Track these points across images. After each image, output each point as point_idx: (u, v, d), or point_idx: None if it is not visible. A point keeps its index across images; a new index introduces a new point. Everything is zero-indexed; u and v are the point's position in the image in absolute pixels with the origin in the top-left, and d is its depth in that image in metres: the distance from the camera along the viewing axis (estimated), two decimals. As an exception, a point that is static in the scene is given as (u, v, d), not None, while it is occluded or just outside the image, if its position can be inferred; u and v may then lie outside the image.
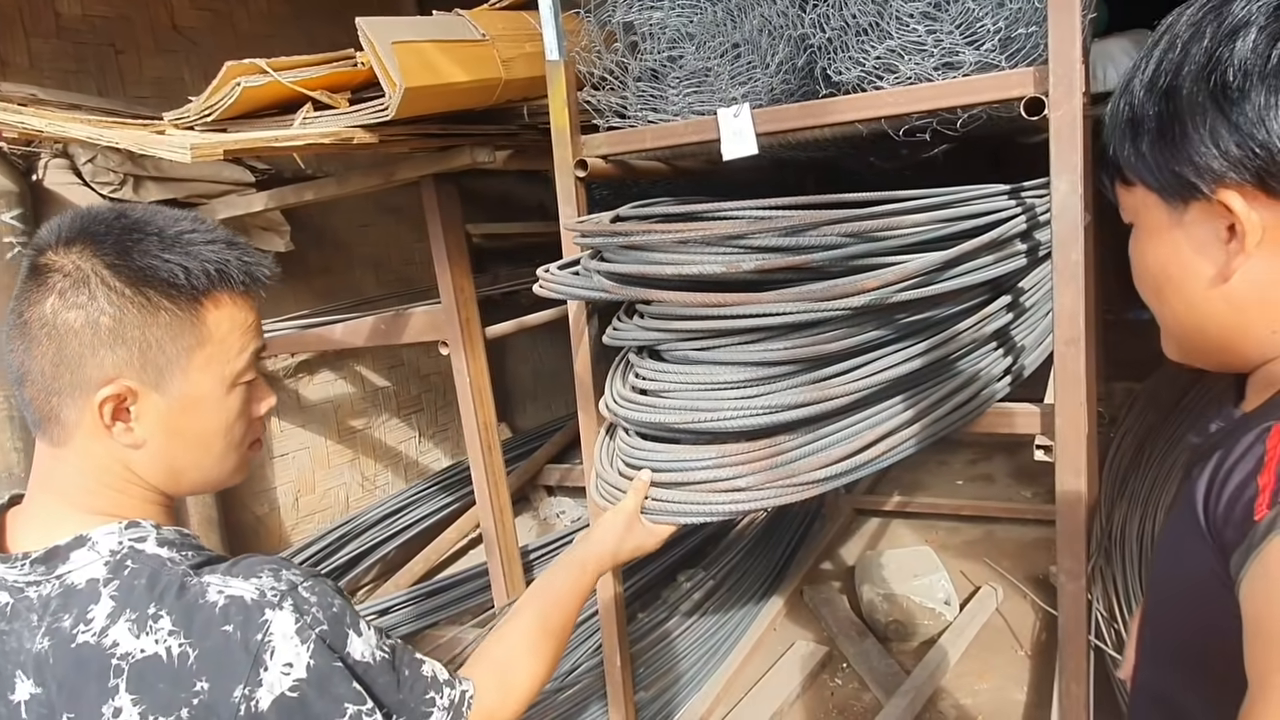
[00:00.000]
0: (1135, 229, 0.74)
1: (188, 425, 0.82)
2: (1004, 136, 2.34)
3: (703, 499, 1.38)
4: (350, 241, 3.67)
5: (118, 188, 2.65)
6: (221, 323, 0.82)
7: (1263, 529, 0.58)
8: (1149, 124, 0.68)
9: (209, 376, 0.82)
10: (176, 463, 0.83)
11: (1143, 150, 0.69)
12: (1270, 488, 0.59)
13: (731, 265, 1.30)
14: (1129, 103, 0.70)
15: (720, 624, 2.76)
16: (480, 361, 2.61)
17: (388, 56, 1.82)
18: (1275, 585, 0.56)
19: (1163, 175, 0.68)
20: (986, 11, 1.63)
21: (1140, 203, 0.71)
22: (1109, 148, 0.73)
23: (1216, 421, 0.77)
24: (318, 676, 0.74)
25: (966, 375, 1.62)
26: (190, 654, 0.72)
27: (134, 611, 0.73)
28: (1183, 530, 0.68)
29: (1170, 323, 0.74)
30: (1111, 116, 0.73)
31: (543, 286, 1.61)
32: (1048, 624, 2.65)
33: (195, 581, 0.76)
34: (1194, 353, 0.75)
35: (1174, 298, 0.71)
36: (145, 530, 0.79)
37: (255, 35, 3.37)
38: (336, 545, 3.28)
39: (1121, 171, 0.72)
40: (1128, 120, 0.70)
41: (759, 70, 1.87)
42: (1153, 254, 0.71)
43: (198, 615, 0.73)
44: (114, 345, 0.77)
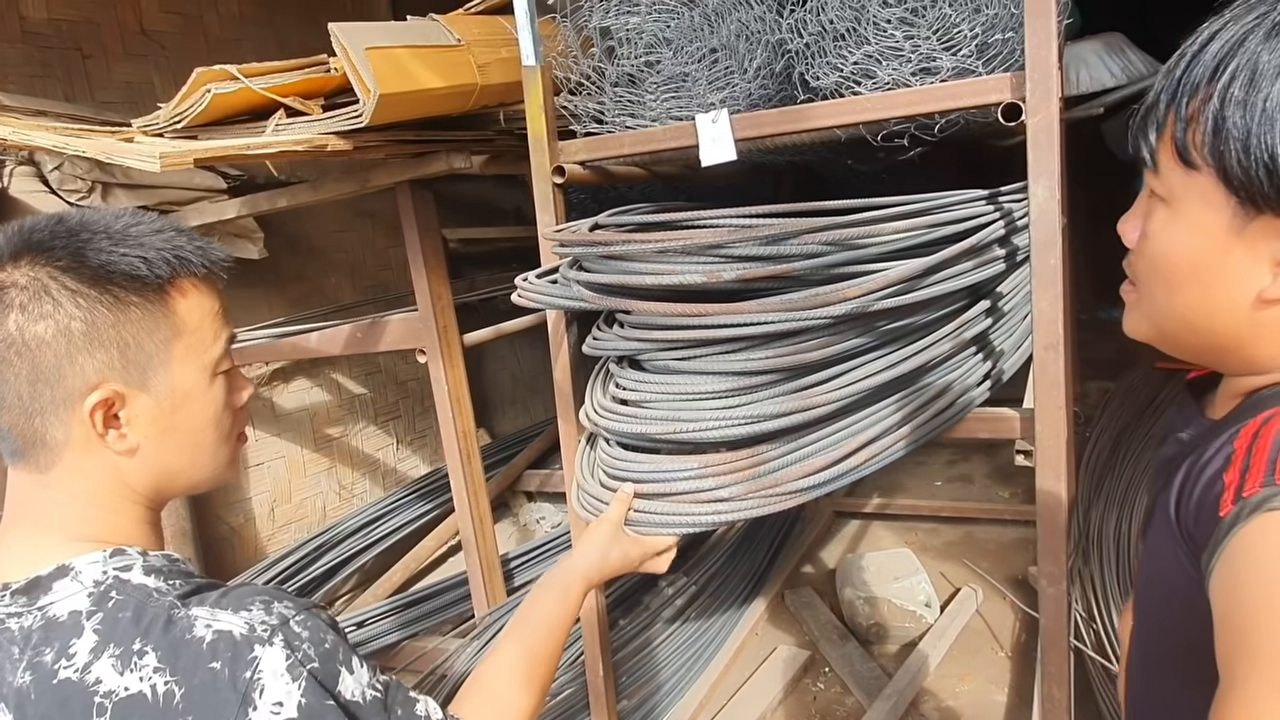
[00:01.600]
0: (1169, 210, 0.68)
1: (179, 422, 0.80)
2: (982, 138, 2.35)
3: (685, 510, 1.37)
4: (325, 247, 3.63)
5: (85, 195, 2.60)
6: (192, 311, 0.81)
7: (1227, 524, 0.58)
8: (1266, 113, 0.60)
9: (191, 368, 0.80)
10: (171, 464, 0.81)
11: (1242, 141, 0.61)
12: (1235, 484, 0.59)
13: (712, 275, 1.29)
14: (1240, 80, 0.61)
15: (703, 630, 2.75)
16: (458, 369, 2.58)
17: (361, 62, 1.80)
18: (1239, 576, 0.56)
19: (1254, 177, 0.61)
20: (963, 18, 1.64)
21: (1196, 190, 0.65)
22: (1177, 120, 0.66)
23: (1188, 430, 0.77)
24: (308, 716, 0.72)
25: (946, 381, 1.62)
26: (176, 692, 0.70)
27: (118, 647, 0.71)
28: (1160, 538, 0.69)
29: (1167, 312, 0.70)
30: (1188, 86, 0.65)
31: (521, 296, 1.59)
32: (1027, 624, 2.66)
33: (182, 615, 0.73)
34: (1177, 344, 0.73)
35: (1191, 294, 0.67)
36: (131, 558, 0.76)
37: (226, 39, 3.33)
38: (314, 555, 3.24)
39: (1186, 151, 0.65)
40: (1233, 101, 0.61)
41: (737, 76, 1.86)
42: (1187, 246, 0.67)
43: (184, 651, 0.70)
44: (92, 350, 0.74)
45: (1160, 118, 0.67)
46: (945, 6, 1.64)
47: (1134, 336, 0.77)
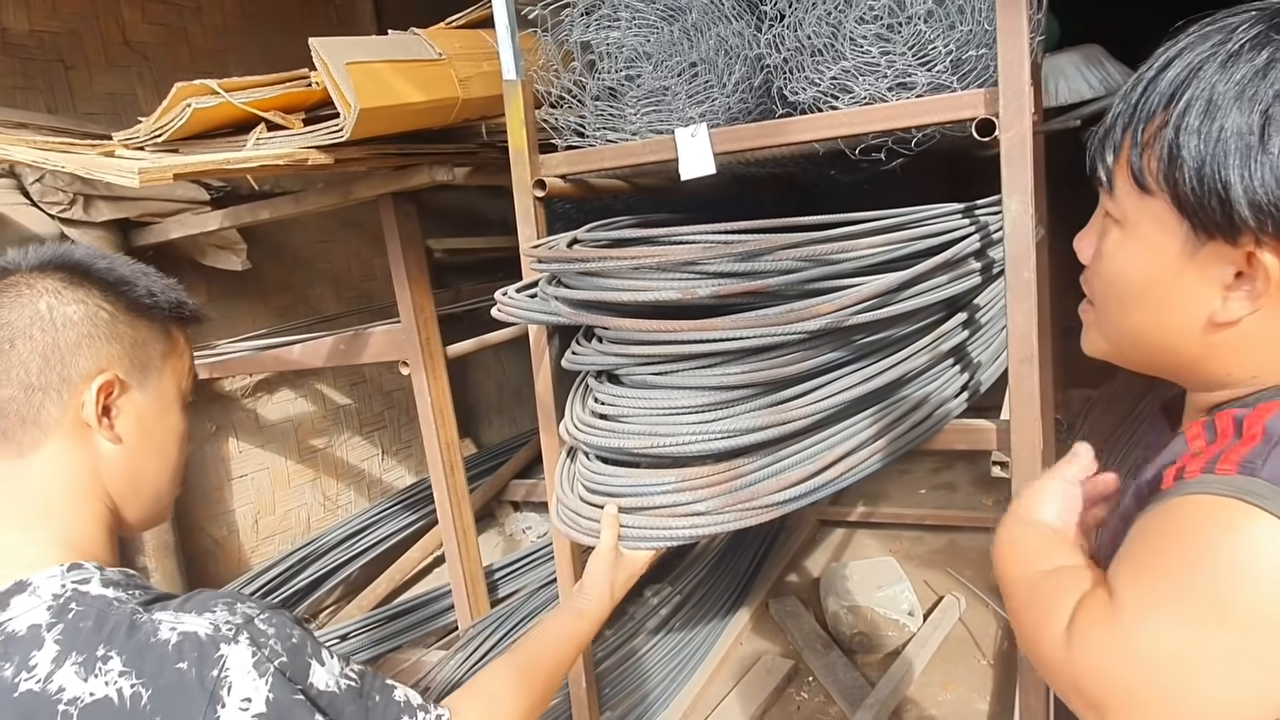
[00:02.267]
0: (1123, 231, 0.69)
1: (157, 426, 0.87)
2: (963, 148, 2.37)
3: (663, 524, 1.38)
4: (309, 258, 3.62)
5: (67, 207, 2.59)
6: (181, 340, 0.91)
7: (1171, 491, 0.61)
8: (1220, 142, 0.60)
9: (174, 385, 0.90)
10: (141, 468, 0.86)
11: (1196, 169, 0.61)
12: (1181, 464, 0.62)
13: (687, 291, 1.30)
14: (1195, 109, 0.62)
15: (686, 640, 2.75)
16: (441, 381, 2.58)
17: (342, 77, 1.80)
18: (1160, 519, 0.60)
19: (1207, 205, 0.62)
20: (938, 34, 1.66)
21: (1150, 214, 0.66)
22: (1133, 145, 0.66)
23: (1166, 457, 0.78)
24: (278, 711, 0.72)
25: (924, 394, 1.63)
26: (143, 694, 0.70)
27: (80, 654, 0.71)
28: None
29: (1121, 330, 0.72)
30: (1144, 111, 0.65)
31: (500, 310, 1.60)
32: (1009, 633, 2.68)
33: (146, 619, 0.73)
34: (1134, 361, 0.74)
35: (1146, 315, 0.69)
36: (89, 572, 0.77)
37: (210, 50, 3.32)
38: (298, 568, 3.23)
39: (1141, 175, 0.66)
40: (1187, 129, 0.62)
41: (716, 90, 1.88)
42: (1141, 268, 0.68)
43: (149, 654, 0.71)
44: (110, 339, 0.83)
45: (1117, 141, 0.68)
46: (920, 23, 1.66)
47: (1092, 355, 0.78)
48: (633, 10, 1.92)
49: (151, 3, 3.13)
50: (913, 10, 1.66)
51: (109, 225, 2.70)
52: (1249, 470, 0.57)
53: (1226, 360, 0.67)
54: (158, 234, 2.77)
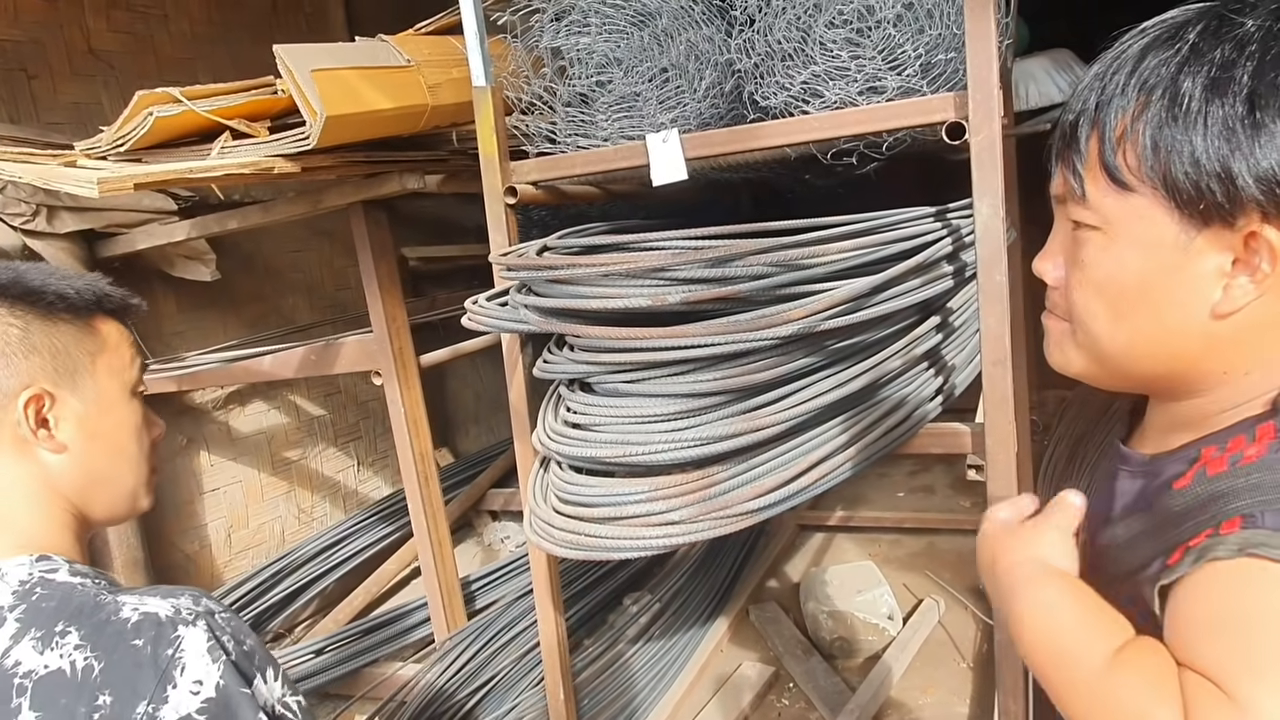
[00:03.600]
0: (1105, 236, 0.67)
1: (103, 427, 0.87)
2: (933, 151, 2.38)
3: (636, 533, 1.36)
4: (280, 267, 3.58)
5: (30, 219, 2.54)
6: (112, 333, 0.89)
7: (1195, 553, 0.58)
8: (1208, 127, 0.60)
9: (113, 382, 0.88)
10: (98, 469, 0.86)
11: (1190, 155, 0.61)
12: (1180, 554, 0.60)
13: (658, 298, 1.29)
14: (1164, 101, 0.62)
15: (667, 648, 2.74)
16: (415, 391, 2.56)
17: (307, 84, 1.78)
18: (1231, 588, 0.56)
19: (1205, 189, 0.61)
20: (907, 38, 1.66)
21: (1134, 211, 0.64)
22: (1103, 144, 0.65)
23: (1124, 468, 0.76)
24: (226, 698, 0.72)
25: (898, 398, 1.63)
26: (95, 667, 0.70)
27: (39, 630, 0.72)
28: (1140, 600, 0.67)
29: (1111, 341, 0.69)
30: (1109, 112, 0.65)
31: (470, 319, 1.58)
32: (988, 635, 2.68)
33: (110, 599, 0.75)
34: (1118, 374, 0.71)
35: (1143, 319, 0.66)
36: (57, 563, 0.79)
37: (178, 59, 3.28)
38: (272, 582, 3.18)
39: (1117, 172, 0.64)
40: (1165, 120, 0.62)
41: (687, 95, 1.87)
42: (1134, 269, 0.65)
43: (107, 629, 0.72)
44: (27, 354, 0.82)
45: (1082, 145, 0.67)
46: (890, 28, 1.66)
47: (1063, 371, 0.75)
48: (603, 16, 1.91)
49: (117, 10, 3.08)
50: (882, 15, 1.66)
51: (73, 236, 2.65)
52: None
53: (1225, 354, 0.65)
54: (124, 245, 2.73)
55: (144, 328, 3.02)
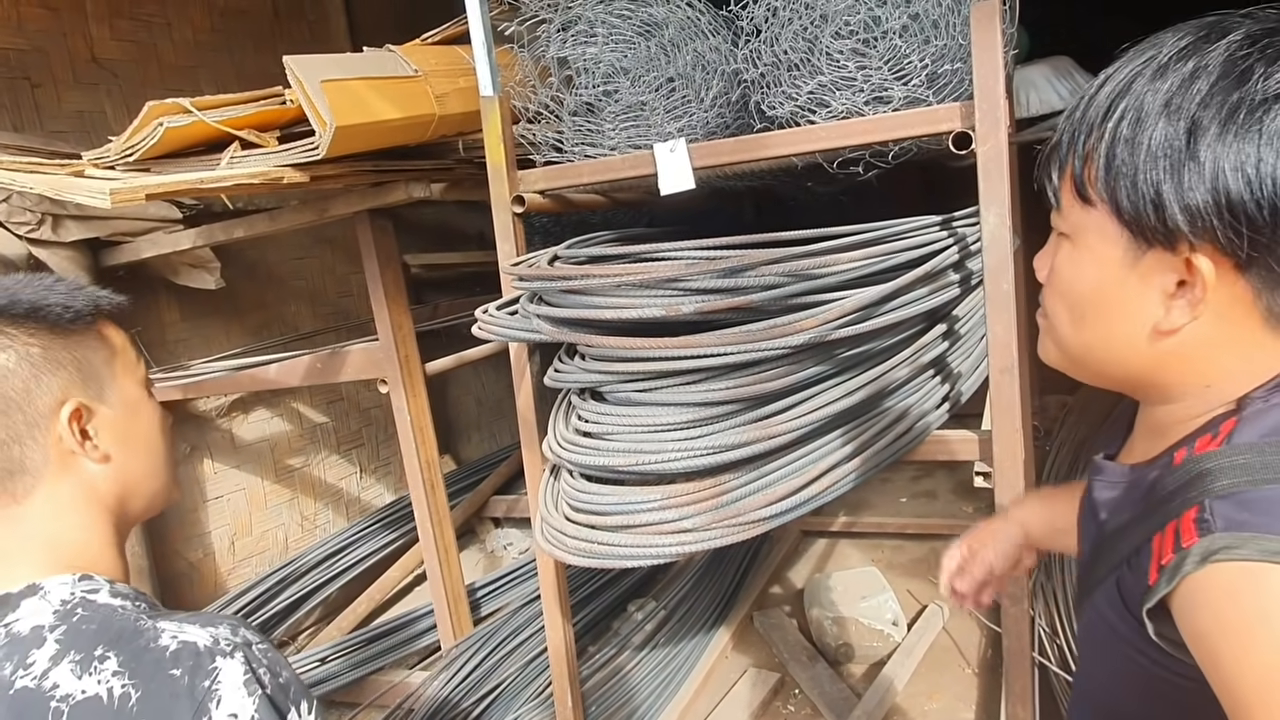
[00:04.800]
0: (1072, 245, 0.70)
1: (135, 429, 0.87)
2: (939, 158, 2.40)
3: (649, 541, 1.37)
4: (284, 275, 3.58)
5: (35, 228, 2.55)
6: (116, 335, 0.89)
7: (1166, 576, 0.59)
8: (1151, 152, 0.62)
9: (131, 381, 0.88)
10: (135, 471, 0.86)
11: (1130, 178, 0.63)
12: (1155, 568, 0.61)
13: (671, 308, 1.30)
14: (1128, 120, 0.63)
15: (672, 655, 2.74)
16: (421, 399, 2.56)
17: (317, 95, 1.79)
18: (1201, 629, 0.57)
19: (1143, 213, 0.63)
20: (913, 49, 1.67)
21: (1094, 225, 0.67)
22: (1074, 159, 0.68)
23: (1099, 479, 0.78)
24: None
25: (905, 405, 1.64)
26: (132, 695, 0.70)
27: (79, 653, 0.72)
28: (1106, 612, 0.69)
29: (1074, 342, 0.72)
30: (1084, 125, 0.67)
31: (481, 329, 1.59)
32: (993, 640, 2.69)
33: (149, 625, 0.74)
34: (1086, 372, 0.74)
35: (1096, 327, 0.69)
36: (99, 583, 0.79)
37: (181, 67, 3.29)
38: (276, 589, 3.18)
39: (1083, 187, 0.67)
40: (1122, 140, 0.63)
41: (694, 105, 1.88)
42: (1090, 280, 0.68)
43: (146, 657, 0.72)
44: (54, 370, 0.81)
45: (1062, 156, 0.69)
46: (896, 38, 1.67)
47: (1047, 362, 0.78)
48: (609, 26, 1.93)
49: (120, 19, 3.09)
50: (888, 26, 1.67)
51: (78, 245, 2.65)
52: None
53: (1177, 370, 0.68)
54: (129, 253, 2.73)
55: (148, 335, 3.02)
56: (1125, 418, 0.82)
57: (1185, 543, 0.58)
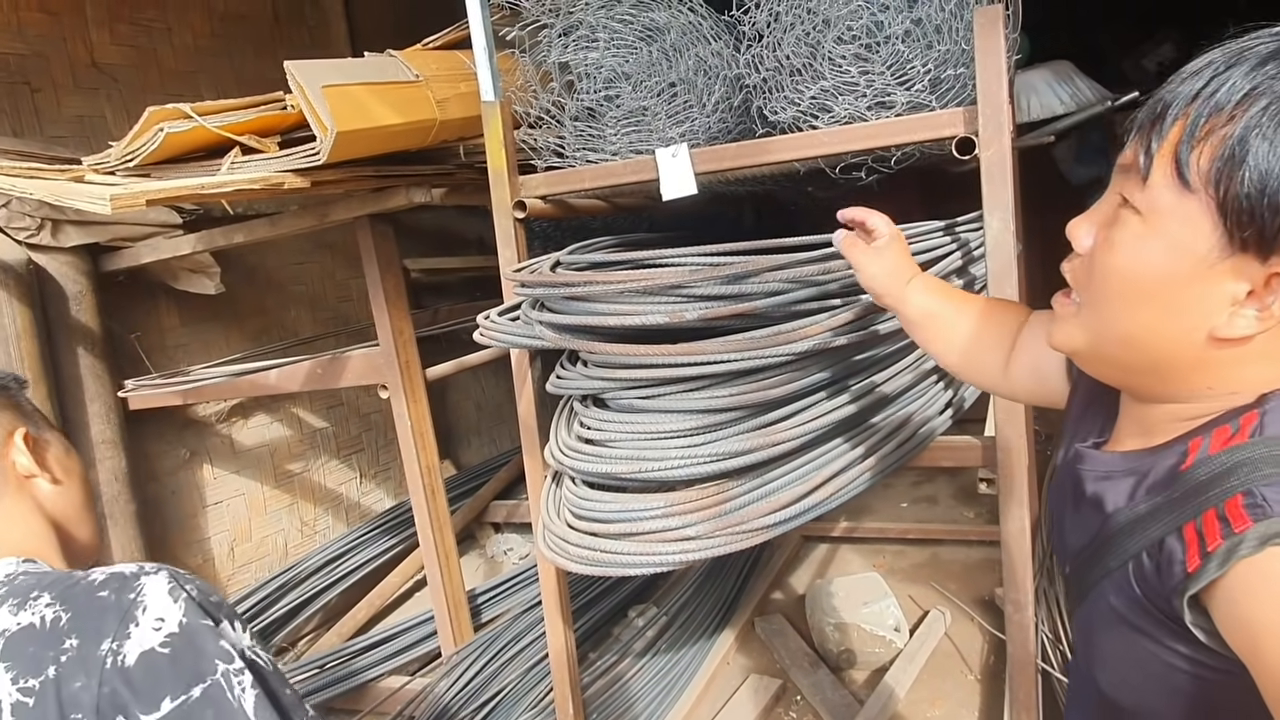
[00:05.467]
0: (1144, 224, 0.64)
1: (69, 466, 0.94)
2: (939, 163, 2.39)
3: (652, 549, 1.36)
4: (284, 280, 3.57)
5: (34, 233, 2.54)
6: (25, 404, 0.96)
7: (1216, 560, 0.58)
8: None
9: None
10: (75, 500, 0.93)
11: (1260, 176, 0.58)
12: (1197, 554, 0.60)
13: (675, 315, 1.29)
14: (1271, 115, 0.58)
15: (674, 661, 2.73)
16: (421, 404, 2.55)
17: (318, 100, 1.78)
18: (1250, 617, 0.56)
19: (1259, 215, 0.58)
20: (916, 54, 1.67)
21: (1183, 212, 0.62)
22: (1186, 137, 0.62)
23: (1088, 467, 0.76)
24: (189, 632, 0.74)
25: (908, 412, 1.63)
26: (63, 617, 0.74)
27: (17, 599, 0.76)
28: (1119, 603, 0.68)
29: (1112, 327, 0.68)
30: (1210, 105, 0.61)
31: (483, 334, 1.58)
32: (995, 647, 2.68)
33: (82, 574, 0.79)
34: (1110, 361, 0.71)
35: (1147, 315, 0.65)
36: (43, 566, 0.85)
37: (181, 71, 3.28)
38: (276, 595, 3.16)
39: (1185, 170, 0.61)
40: (1261, 134, 0.58)
41: (696, 110, 1.88)
42: (1158, 267, 0.64)
43: (77, 589, 0.76)
44: (2, 409, 0.90)
45: (1165, 129, 0.63)
46: (898, 43, 1.67)
47: (1062, 349, 0.75)
48: (611, 31, 1.92)
49: (120, 24, 3.08)
50: (891, 30, 1.67)
51: (78, 250, 2.65)
52: None
53: (1215, 374, 0.65)
54: (129, 258, 2.72)
55: (147, 341, 3.01)
56: (1102, 403, 0.80)
57: (1237, 527, 0.57)
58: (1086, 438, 0.80)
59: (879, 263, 1.13)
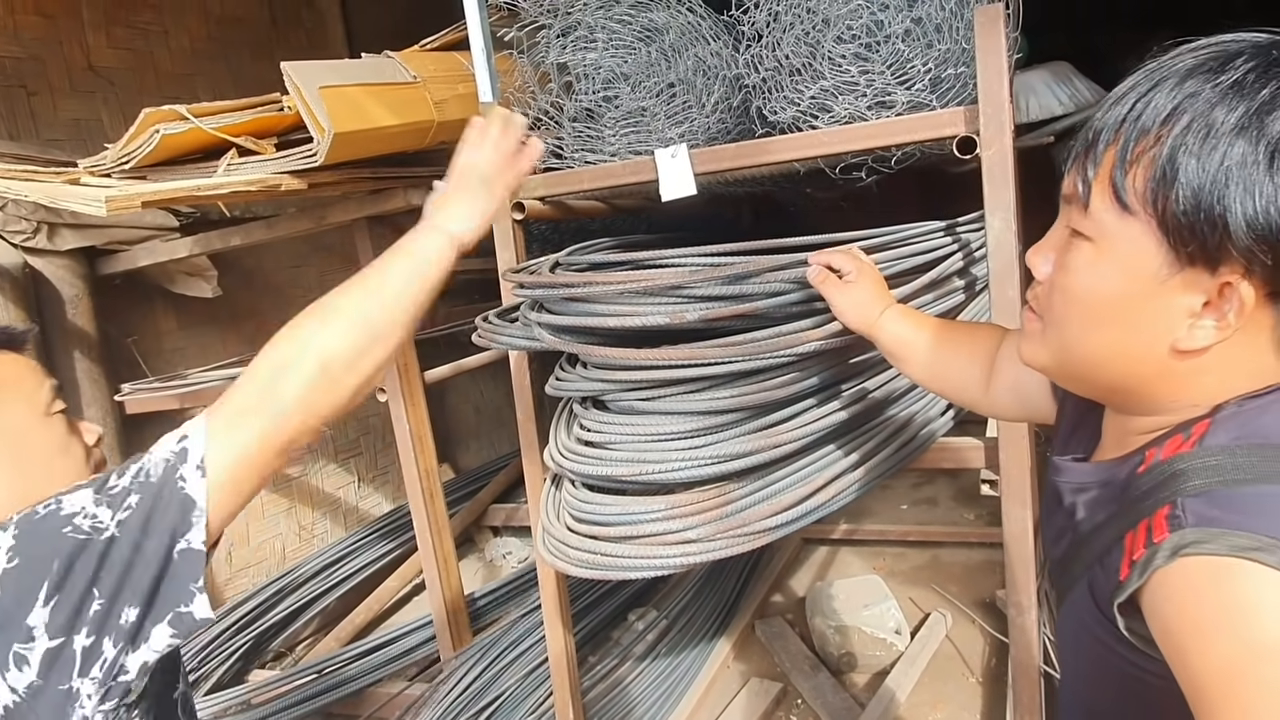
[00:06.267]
0: (1095, 249, 0.66)
1: (26, 453, 0.89)
2: (938, 163, 2.39)
3: (654, 552, 1.35)
4: (281, 283, 3.56)
5: (30, 236, 2.53)
6: (6, 365, 0.91)
7: (1137, 570, 0.60)
8: (1224, 169, 0.59)
9: (19, 410, 0.90)
10: (31, 494, 0.84)
11: (1193, 193, 0.60)
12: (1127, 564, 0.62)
13: (675, 316, 1.28)
14: (1194, 133, 0.60)
15: (673, 665, 2.71)
16: (420, 408, 2.54)
17: (315, 102, 1.77)
18: (1169, 626, 0.58)
19: (1196, 229, 0.60)
20: (916, 53, 1.66)
21: (1127, 234, 0.64)
22: (1119, 161, 0.64)
23: (1064, 479, 0.78)
24: None
25: (910, 413, 1.62)
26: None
27: None
28: (1082, 610, 0.70)
29: (1076, 347, 0.70)
30: (1135, 128, 0.63)
31: (481, 336, 1.57)
32: (996, 649, 2.67)
33: None
34: (1076, 379, 0.74)
35: (1108, 335, 0.67)
36: None
37: (178, 75, 3.27)
38: (274, 600, 3.15)
39: (1123, 193, 0.63)
40: (1187, 152, 0.60)
41: (695, 110, 1.87)
42: (1113, 289, 0.66)
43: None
44: None
45: (1099, 156, 0.66)
46: (899, 42, 1.66)
47: (1031, 365, 0.77)
48: (609, 31, 1.91)
49: (117, 27, 3.07)
50: (891, 30, 1.66)
51: (74, 254, 2.64)
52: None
53: (1178, 386, 0.67)
54: (126, 261, 2.71)
55: (144, 344, 3.00)
56: (1090, 421, 0.81)
57: (1156, 538, 0.59)
58: (1070, 452, 0.82)
59: (850, 297, 1.21)
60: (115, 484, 0.80)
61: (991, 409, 1.07)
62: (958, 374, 1.09)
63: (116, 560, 0.77)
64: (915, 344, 1.13)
